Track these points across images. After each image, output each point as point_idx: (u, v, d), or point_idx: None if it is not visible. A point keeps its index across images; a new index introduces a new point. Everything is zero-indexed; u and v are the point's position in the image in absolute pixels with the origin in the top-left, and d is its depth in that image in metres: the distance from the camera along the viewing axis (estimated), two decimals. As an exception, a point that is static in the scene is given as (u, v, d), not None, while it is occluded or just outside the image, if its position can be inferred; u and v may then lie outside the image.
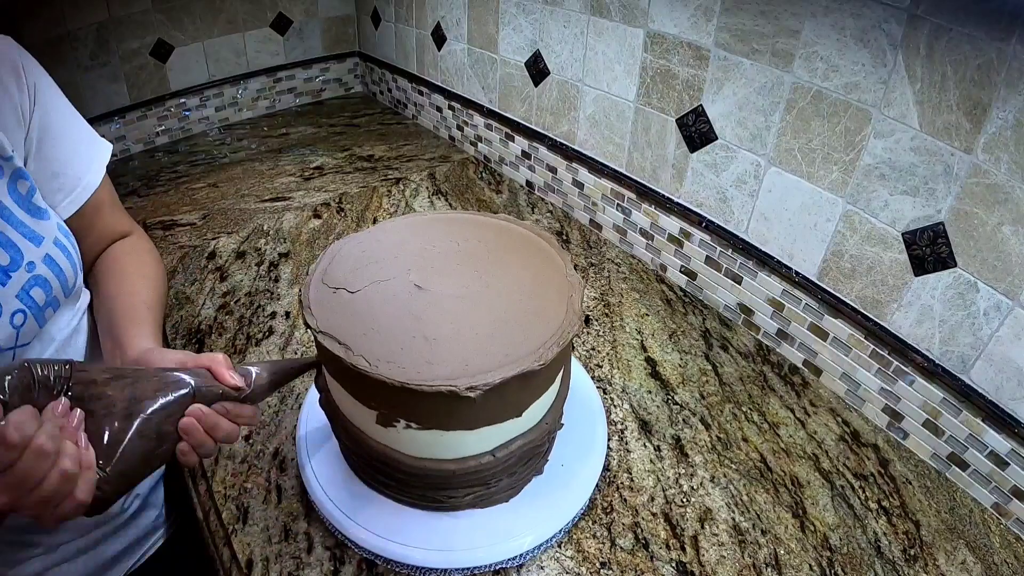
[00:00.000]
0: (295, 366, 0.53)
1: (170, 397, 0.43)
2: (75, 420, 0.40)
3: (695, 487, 0.63)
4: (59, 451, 0.37)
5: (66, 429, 0.39)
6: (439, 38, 1.25)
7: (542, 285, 0.54)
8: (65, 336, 0.58)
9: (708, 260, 0.87)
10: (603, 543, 0.57)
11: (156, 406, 0.42)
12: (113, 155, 0.64)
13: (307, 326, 0.50)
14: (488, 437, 0.51)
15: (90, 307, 0.63)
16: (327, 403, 0.56)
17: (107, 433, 0.40)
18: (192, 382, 0.45)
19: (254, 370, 0.49)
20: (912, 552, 0.58)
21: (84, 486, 0.39)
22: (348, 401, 0.51)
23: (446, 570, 0.53)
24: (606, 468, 0.64)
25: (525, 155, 1.15)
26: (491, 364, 0.46)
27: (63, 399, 0.39)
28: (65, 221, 0.57)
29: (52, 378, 0.39)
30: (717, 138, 0.80)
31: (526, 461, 0.56)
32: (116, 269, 0.62)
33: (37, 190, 0.52)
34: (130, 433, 0.41)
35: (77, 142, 0.58)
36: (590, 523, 0.59)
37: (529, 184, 1.17)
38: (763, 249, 0.79)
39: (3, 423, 0.35)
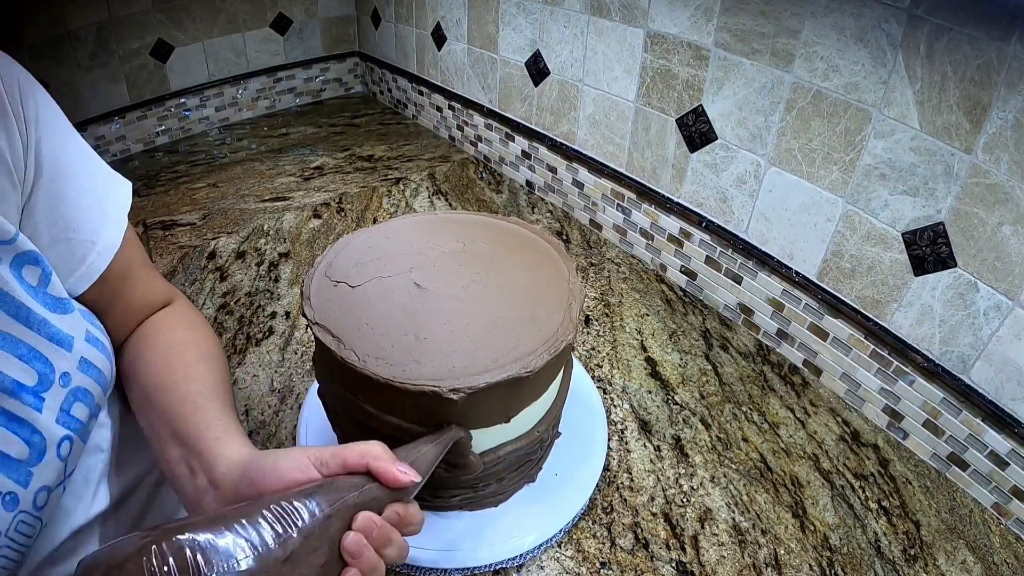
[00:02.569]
0: (444, 442, 0.44)
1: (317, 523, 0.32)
2: None
3: (695, 487, 0.63)
4: None
5: None
6: (439, 38, 1.25)
7: (543, 291, 0.54)
8: (109, 442, 0.46)
9: (708, 260, 0.87)
10: (603, 543, 0.57)
11: (300, 539, 0.31)
12: (113, 155, 0.50)
13: (303, 315, 0.50)
14: (474, 441, 0.51)
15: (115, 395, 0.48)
16: (327, 393, 0.56)
17: None
18: (352, 490, 0.34)
19: (408, 455, 0.39)
20: (912, 552, 0.58)
21: None
22: (340, 391, 0.52)
23: (446, 570, 0.53)
24: (606, 468, 0.64)
25: (525, 155, 1.15)
26: (478, 367, 0.46)
27: None
28: (80, 297, 0.42)
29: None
30: (717, 138, 0.80)
31: (516, 468, 0.55)
32: (165, 352, 0.46)
33: (53, 274, 0.39)
34: None
35: (90, 188, 0.42)
36: (590, 523, 0.59)
37: (529, 184, 1.17)
38: (763, 249, 0.79)
39: None
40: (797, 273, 0.76)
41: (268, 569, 0.29)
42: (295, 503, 0.32)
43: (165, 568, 0.27)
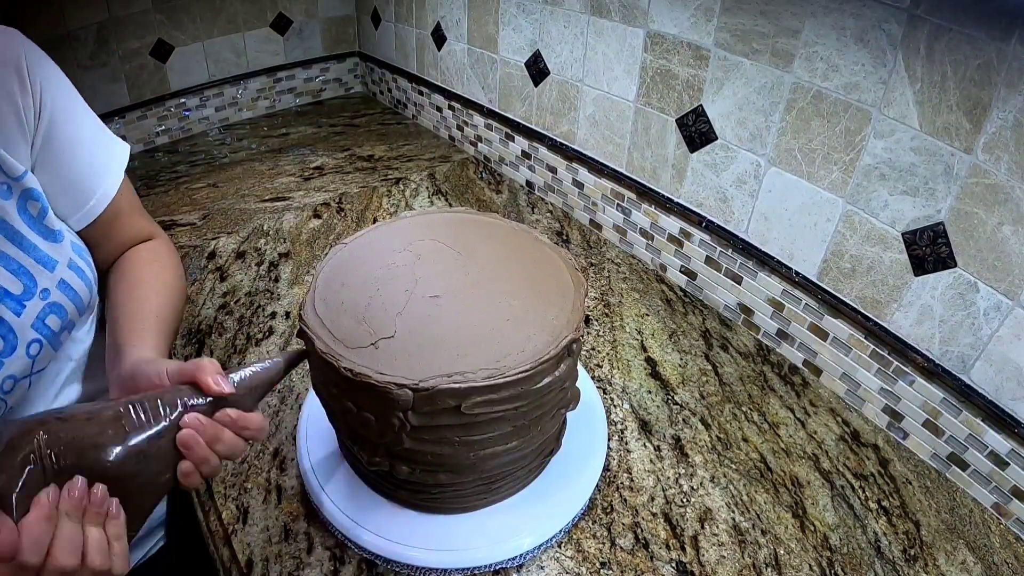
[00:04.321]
0: (286, 360, 0.49)
1: (160, 424, 0.40)
2: (99, 495, 0.36)
3: (695, 487, 0.63)
4: (85, 554, 0.35)
5: (89, 510, 0.36)
6: (439, 38, 1.25)
7: (537, 307, 0.53)
8: (81, 354, 0.55)
9: (708, 260, 0.87)
10: (603, 543, 0.57)
11: (146, 436, 0.40)
12: None
13: (299, 318, 0.51)
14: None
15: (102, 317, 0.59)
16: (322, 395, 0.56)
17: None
18: (180, 400, 0.42)
19: (242, 373, 0.46)
20: (912, 552, 0.58)
21: (119, 562, 0.36)
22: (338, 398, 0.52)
23: (446, 570, 0.53)
24: (606, 468, 0.64)
25: (525, 155, 1.15)
26: (434, 371, 0.45)
27: (78, 480, 0.36)
28: (80, 231, 0.53)
29: (41, 450, 0.36)
30: (717, 138, 0.80)
31: (503, 475, 0.55)
32: (129, 276, 0.57)
33: (50, 209, 0.48)
34: (128, 470, 0.39)
35: (92, 147, 0.53)
36: (590, 523, 0.59)
37: (529, 184, 1.17)
38: (763, 249, 0.79)
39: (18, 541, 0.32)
40: (797, 273, 0.76)
41: (126, 457, 0.38)
42: (147, 403, 0.41)
43: (45, 434, 0.36)
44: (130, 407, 0.40)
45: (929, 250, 0.62)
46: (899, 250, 0.65)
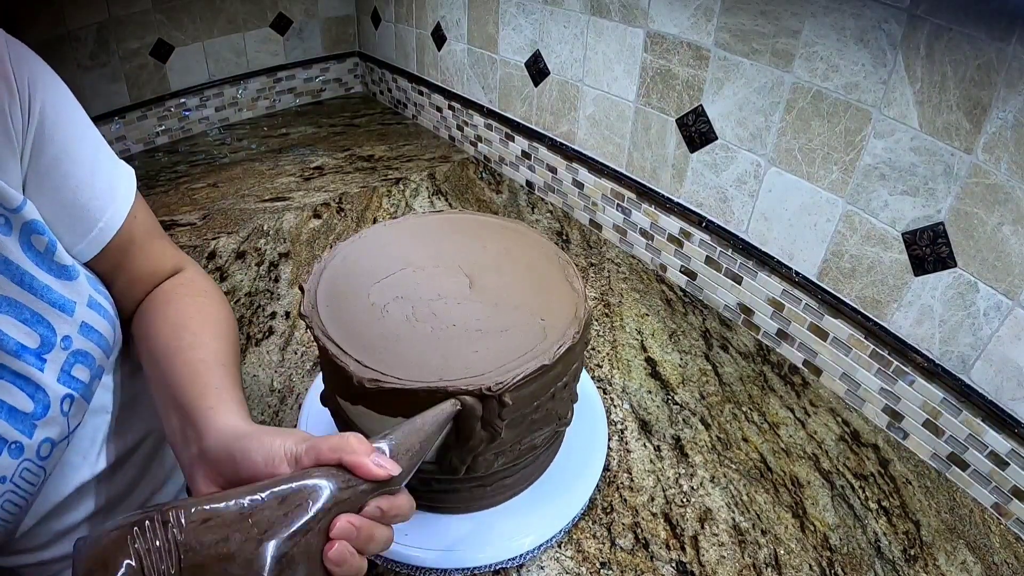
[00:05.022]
0: (439, 419, 0.41)
1: (303, 519, 0.31)
2: None
3: (695, 487, 0.63)
4: None
5: None
6: (439, 38, 1.25)
7: (540, 287, 0.54)
8: (114, 403, 0.48)
9: (708, 260, 0.87)
10: (603, 543, 0.57)
11: (288, 536, 0.30)
12: None
13: (301, 315, 0.51)
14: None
15: (124, 354, 0.50)
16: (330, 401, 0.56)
17: None
18: (328, 487, 0.32)
19: (391, 441, 0.36)
20: (912, 552, 0.58)
21: None
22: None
23: (446, 570, 0.53)
24: (606, 468, 0.64)
25: (525, 155, 1.15)
26: (499, 361, 0.46)
27: None
28: (89, 263, 0.44)
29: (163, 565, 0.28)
30: (717, 138, 0.80)
31: (522, 466, 0.56)
32: (171, 318, 0.47)
33: (58, 243, 0.40)
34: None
35: (94, 163, 0.43)
36: (590, 523, 0.59)
37: (529, 184, 1.17)
38: (763, 249, 0.79)
39: None
40: (797, 273, 0.76)
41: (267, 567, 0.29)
42: (279, 493, 0.31)
43: (146, 544, 0.28)
44: (259, 497, 0.31)
45: (929, 250, 0.62)
46: (899, 250, 0.65)
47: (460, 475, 0.50)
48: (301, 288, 0.54)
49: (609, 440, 0.67)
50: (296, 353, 0.79)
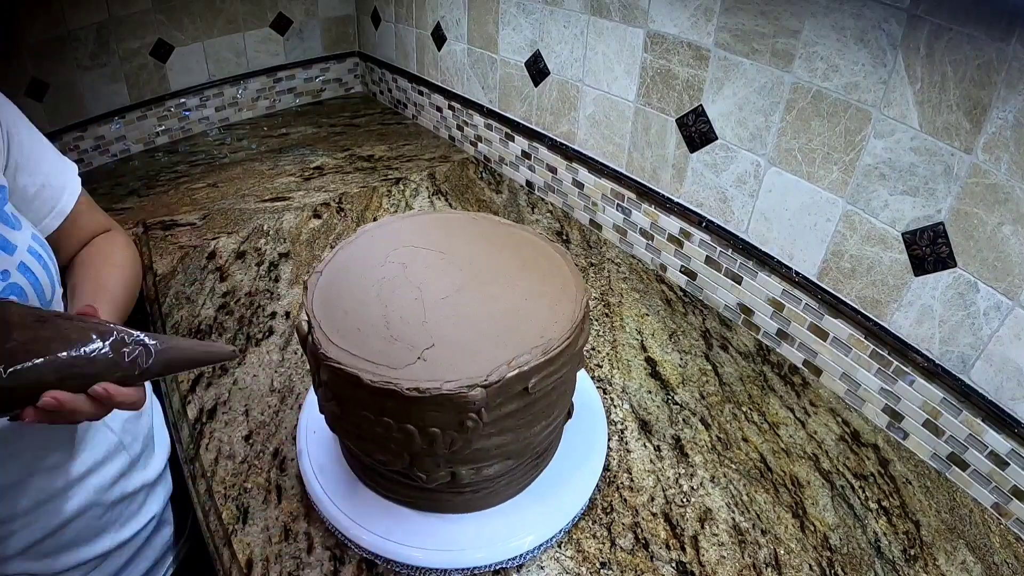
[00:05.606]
0: (210, 351, 0.49)
1: (83, 351, 0.43)
2: None
3: (695, 487, 0.63)
4: None
5: None
6: (439, 38, 1.25)
7: (539, 283, 0.54)
8: None
9: (708, 260, 0.87)
10: (603, 543, 0.57)
11: (73, 353, 0.42)
12: (113, 155, 0.64)
13: (323, 358, 0.50)
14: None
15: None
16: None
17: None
18: (99, 351, 0.44)
19: (158, 345, 0.46)
20: (912, 552, 0.58)
21: None
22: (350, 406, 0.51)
23: (446, 570, 0.53)
24: (606, 468, 0.64)
25: (525, 155, 1.15)
26: (490, 364, 0.46)
27: None
28: (53, 232, 0.59)
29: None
30: (717, 138, 0.80)
31: (520, 464, 0.55)
32: (85, 260, 0.63)
33: (8, 200, 0.53)
34: (42, 360, 0.41)
35: (52, 163, 0.60)
36: (590, 523, 0.59)
37: (529, 184, 1.17)
38: (763, 249, 0.79)
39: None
40: (797, 273, 0.76)
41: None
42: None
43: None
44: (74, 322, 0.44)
45: (929, 250, 0.62)
46: (899, 250, 0.65)
47: (442, 482, 0.51)
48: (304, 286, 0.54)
49: (609, 440, 0.67)
50: (296, 353, 0.79)
